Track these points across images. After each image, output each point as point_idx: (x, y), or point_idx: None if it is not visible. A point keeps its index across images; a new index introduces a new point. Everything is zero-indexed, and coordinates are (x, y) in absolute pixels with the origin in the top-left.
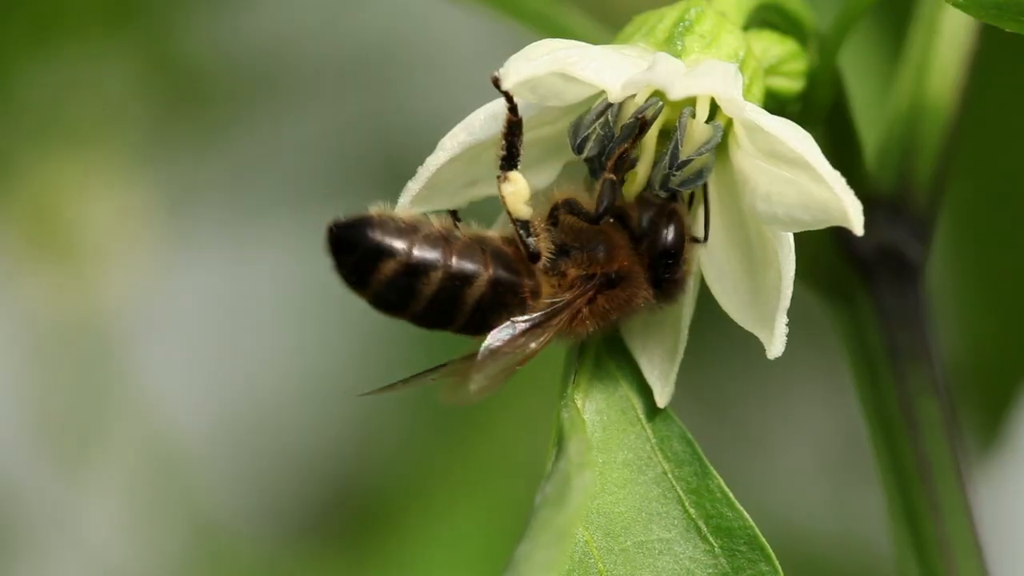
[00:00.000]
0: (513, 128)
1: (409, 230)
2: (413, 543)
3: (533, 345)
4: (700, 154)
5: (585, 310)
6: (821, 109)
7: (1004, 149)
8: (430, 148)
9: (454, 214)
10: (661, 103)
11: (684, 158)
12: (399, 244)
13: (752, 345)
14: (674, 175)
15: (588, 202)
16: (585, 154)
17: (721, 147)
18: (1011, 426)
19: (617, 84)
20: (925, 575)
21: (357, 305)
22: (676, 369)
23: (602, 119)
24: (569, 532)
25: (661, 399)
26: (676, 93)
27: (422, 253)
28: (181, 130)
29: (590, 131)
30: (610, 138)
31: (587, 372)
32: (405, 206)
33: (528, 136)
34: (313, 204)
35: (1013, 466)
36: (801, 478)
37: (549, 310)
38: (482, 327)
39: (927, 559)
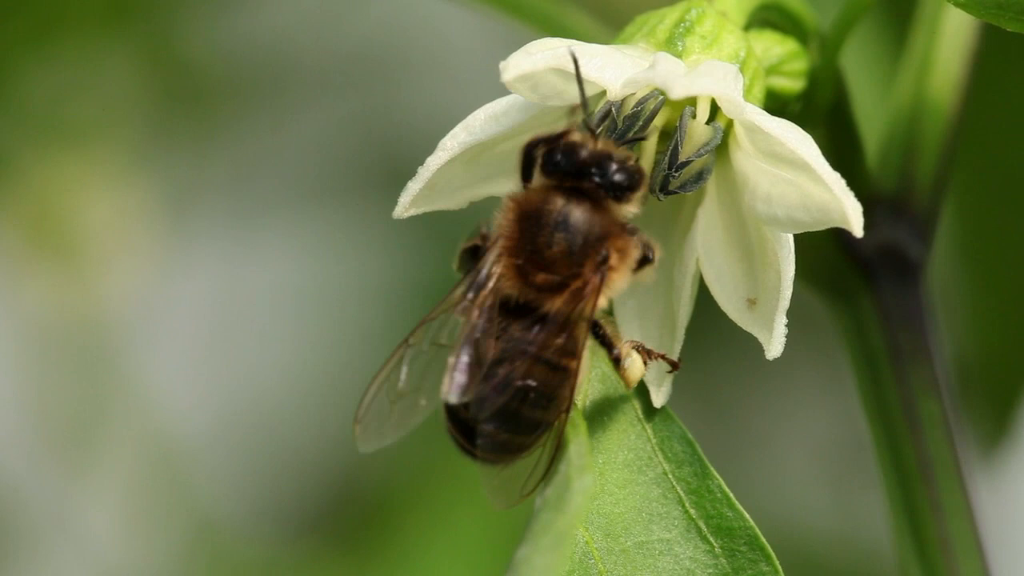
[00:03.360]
0: None
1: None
2: (413, 543)
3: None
4: (700, 155)
5: None
6: (822, 109)
7: (1006, 148)
8: (430, 148)
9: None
10: (662, 96)
11: (684, 159)
12: None
13: (752, 345)
14: (674, 176)
15: None
16: None
17: (721, 148)
18: (1016, 425)
19: (618, 82)
20: (927, 575)
21: (357, 305)
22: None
23: (607, 120)
24: (570, 535)
25: (657, 399)
26: (677, 92)
27: None
28: (181, 130)
29: (596, 134)
30: (616, 138)
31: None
32: (406, 205)
33: (529, 137)
34: (313, 204)
35: (1017, 465)
36: (802, 478)
37: None
38: None
39: (929, 559)
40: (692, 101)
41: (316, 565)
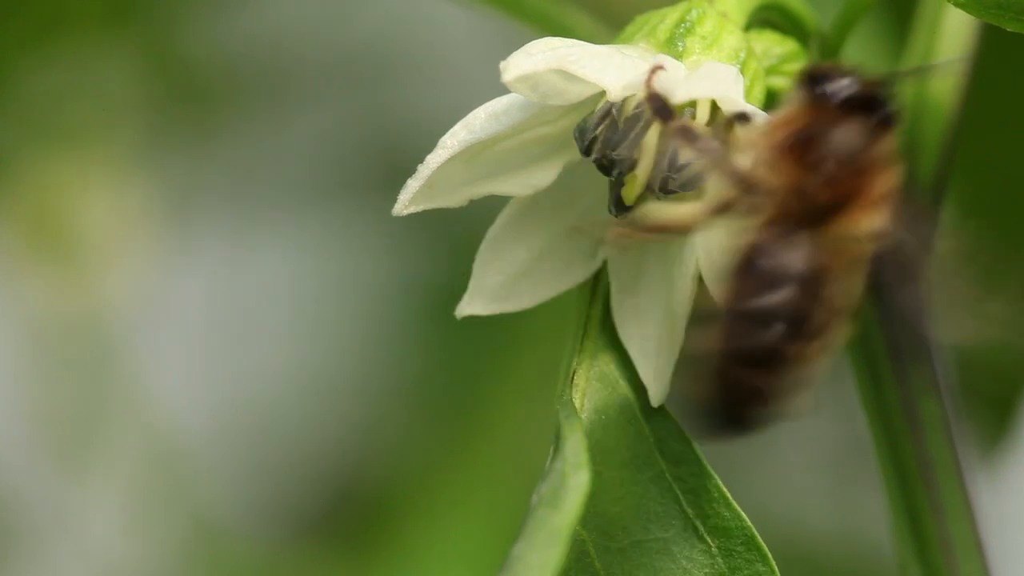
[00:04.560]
0: None
1: None
2: (414, 543)
3: None
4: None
5: None
6: None
7: (1006, 148)
8: (431, 146)
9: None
10: None
11: (684, 160)
12: None
13: None
14: (674, 177)
15: None
16: (593, 156)
17: None
18: (1016, 425)
19: (618, 84)
20: (927, 575)
21: (357, 304)
22: (671, 368)
23: (607, 120)
24: (565, 532)
25: (655, 398)
26: (678, 97)
27: None
28: (181, 130)
29: (596, 133)
30: (617, 139)
31: (585, 371)
32: (405, 203)
33: (529, 135)
34: (313, 203)
35: (1017, 465)
36: (802, 478)
37: None
38: None
39: (929, 559)
40: (692, 102)
41: (316, 565)
